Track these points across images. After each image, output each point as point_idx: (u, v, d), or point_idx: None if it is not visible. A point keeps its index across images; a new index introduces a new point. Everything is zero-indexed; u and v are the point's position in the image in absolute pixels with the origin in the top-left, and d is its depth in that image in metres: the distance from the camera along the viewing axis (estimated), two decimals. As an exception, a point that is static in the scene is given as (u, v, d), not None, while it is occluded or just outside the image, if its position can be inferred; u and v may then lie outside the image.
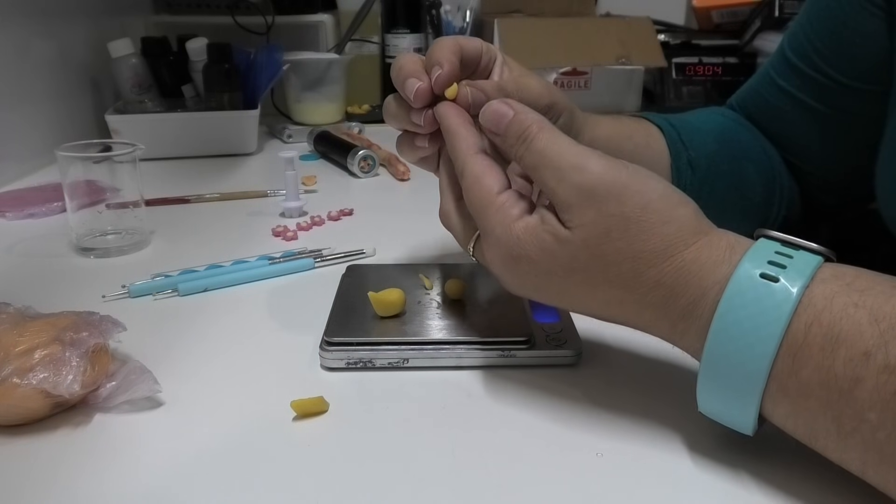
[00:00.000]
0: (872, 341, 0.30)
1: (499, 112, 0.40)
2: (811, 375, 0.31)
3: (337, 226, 0.73)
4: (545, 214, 0.38)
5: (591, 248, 0.36)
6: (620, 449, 0.38)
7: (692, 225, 0.36)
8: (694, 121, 0.66)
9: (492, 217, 0.39)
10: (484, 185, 0.40)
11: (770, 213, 0.66)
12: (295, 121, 1.17)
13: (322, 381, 0.44)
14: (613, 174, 0.36)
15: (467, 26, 1.24)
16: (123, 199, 0.66)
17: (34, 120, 0.93)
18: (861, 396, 0.30)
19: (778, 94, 0.65)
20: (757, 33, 1.22)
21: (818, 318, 0.32)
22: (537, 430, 0.39)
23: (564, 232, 0.37)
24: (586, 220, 0.36)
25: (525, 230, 0.38)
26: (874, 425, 0.30)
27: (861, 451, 0.31)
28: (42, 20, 0.95)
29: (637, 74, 1.26)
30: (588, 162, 0.37)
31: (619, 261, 0.36)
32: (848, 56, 0.60)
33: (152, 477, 0.36)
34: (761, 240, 0.35)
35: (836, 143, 0.63)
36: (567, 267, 0.37)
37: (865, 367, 0.30)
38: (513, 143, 0.39)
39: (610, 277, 0.36)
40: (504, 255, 0.39)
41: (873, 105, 0.58)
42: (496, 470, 0.36)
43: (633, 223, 0.36)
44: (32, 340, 0.39)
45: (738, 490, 0.35)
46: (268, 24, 1.14)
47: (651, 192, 0.36)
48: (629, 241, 0.36)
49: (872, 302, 0.31)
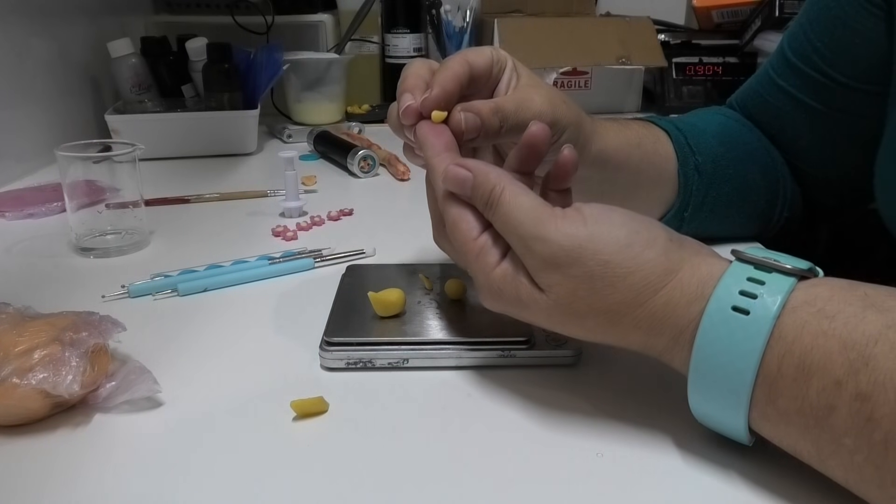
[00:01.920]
0: (843, 370, 0.31)
1: (458, 177, 0.41)
2: (788, 404, 0.33)
3: (337, 226, 0.73)
4: (519, 270, 0.39)
5: (563, 307, 0.38)
6: (620, 449, 0.38)
7: (660, 268, 0.37)
8: (698, 123, 0.66)
9: (472, 263, 0.40)
10: (461, 231, 0.41)
11: (773, 214, 0.66)
12: (295, 121, 1.17)
13: (322, 381, 0.44)
14: (571, 240, 0.37)
15: (467, 26, 1.24)
16: (123, 199, 0.66)
17: (34, 120, 0.93)
18: (836, 424, 0.31)
19: (777, 93, 0.65)
20: (757, 33, 1.22)
21: (790, 349, 0.33)
22: (537, 430, 0.39)
23: (536, 292, 0.38)
24: (553, 282, 0.37)
25: (503, 279, 0.39)
26: (851, 449, 0.31)
27: (842, 472, 0.32)
28: (42, 20, 0.95)
29: (637, 74, 1.26)
30: (546, 231, 0.37)
31: (592, 313, 0.37)
32: (847, 56, 0.60)
33: (152, 477, 0.36)
34: (734, 264, 0.36)
35: (835, 143, 0.63)
36: (547, 317, 0.39)
37: (838, 396, 0.31)
38: (482, 207, 0.40)
39: (589, 328, 0.38)
40: (489, 298, 0.41)
41: (872, 105, 0.58)
42: (496, 470, 0.36)
43: (597, 280, 0.37)
44: (32, 340, 0.39)
45: (739, 492, 0.35)
46: (268, 23, 1.14)
47: (611, 246, 0.37)
48: (598, 296, 0.37)
49: (842, 328, 0.32)
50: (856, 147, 0.62)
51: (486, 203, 0.40)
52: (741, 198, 0.63)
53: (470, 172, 0.40)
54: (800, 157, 0.66)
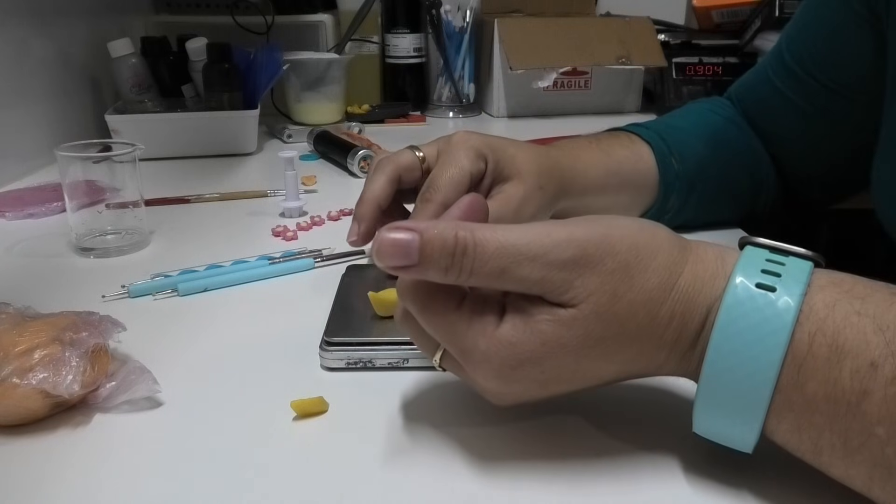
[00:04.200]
0: (878, 351, 0.29)
1: (398, 244, 0.32)
2: (817, 389, 0.30)
3: (337, 226, 0.73)
4: (528, 307, 0.33)
5: (603, 315, 0.32)
6: (620, 448, 0.38)
7: (677, 245, 0.34)
8: (685, 125, 0.68)
9: (466, 336, 0.34)
10: (436, 306, 0.34)
11: (756, 208, 0.69)
12: (295, 121, 1.17)
13: (322, 381, 0.44)
14: (593, 233, 0.33)
15: (467, 26, 1.24)
16: (123, 199, 0.66)
17: (34, 120, 0.93)
18: (869, 410, 0.29)
19: (772, 91, 0.67)
20: (757, 33, 1.22)
21: (821, 327, 0.31)
22: (537, 430, 0.39)
23: (568, 313, 0.33)
24: (592, 287, 0.32)
25: (515, 332, 0.33)
26: (882, 440, 0.29)
27: (868, 468, 0.30)
28: (42, 20, 0.95)
29: (637, 74, 1.26)
30: (560, 236, 0.33)
31: (633, 312, 0.33)
32: (836, 63, 0.61)
33: (152, 477, 0.36)
34: (748, 248, 0.34)
35: (822, 143, 0.65)
36: (580, 346, 0.33)
37: (873, 379, 0.29)
38: (446, 265, 0.32)
39: (629, 335, 0.33)
40: (498, 368, 0.33)
41: (860, 111, 0.60)
42: (496, 469, 0.36)
43: (632, 268, 0.33)
44: (32, 340, 0.39)
45: (739, 496, 0.35)
46: (268, 23, 1.14)
47: (629, 230, 0.34)
48: (636, 288, 0.33)
49: (874, 310, 0.30)
50: (840, 148, 0.65)
51: (453, 256, 0.32)
52: (725, 196, 0.67)
53: (412, 232, 0.32)
54: (787, 152, 0.68)
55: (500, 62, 1.21)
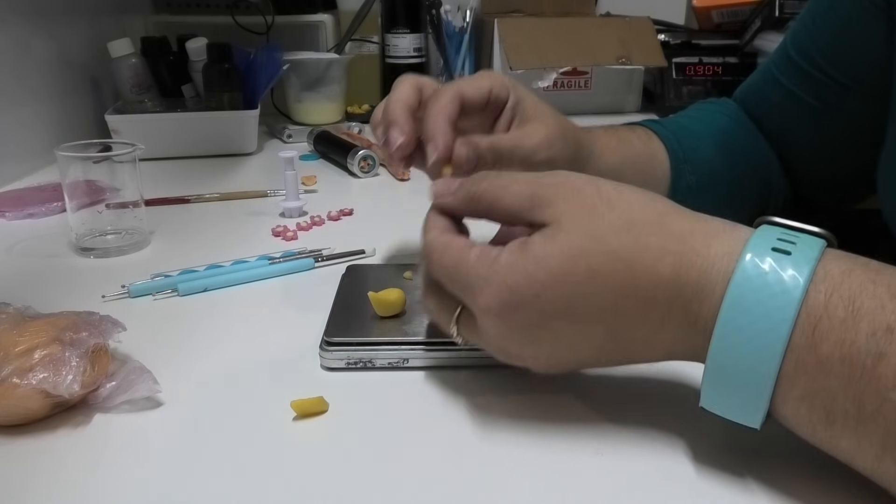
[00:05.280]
0: (895, 316, 0.29)
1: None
2: (832, 350, 0.30)
3: (337, 226, 0.73)
4: (524, 240, 0.36)
5: (583, 232, 0.35)
6: (620, 448, 0.38)
7: (675, 205, 0.37)
8: (699, 127, 0.67)
9: (473, 265, 0.37)
10: (454, 247, 0.38)
11: (765, 211, 0.68)
12: (295, 121, 1.17)
13: (322, 381, 0.44)
14: (584, 174, 0.38)
15: (467, 26, 1.24)
16: (123, 199, 0.66)
17: (34, 120, 0.93)
18: (885, 374, 0.29)
19: (778, 89, 0.66)
20: (757, 33, 1.22)
21: (837, 289, 0.30)
22: (537, 430, 0.39)
23: (551, 228, 0.36)
24: (574, 205, 0.36)
25: (510, 256, 0.36)
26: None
27: (881, 436, 0.29)
28: (42, 20, 0.95)
29: (637, 74, 1.26)
30: (547, 176, 0.38)
31: (615, 231, 0.34)
32: (848, 57, 0.60)
33: (152, 477, 0.36)
34: (763, 225, 0.34)
35: (832, 142, 0.64)
36: (566, 260, 0.34)
37: (890, 343, 0.29)
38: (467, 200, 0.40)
39: (613, 252, 0.34)
40: (497, 292, 0.36)
41: (871, 106, 0.59)
42: (496, 469, 0.36)
43: (614, 199, 0.36)
44: (32, 340, 0.39)
45: (740, 495, 0.35)
46: (268, 23, 1.14)
47: (620, 183, 0.37)
48: (617, 212, 0.35)
49: (890, 280, 0.31)
50: (852, 147, 0.63)
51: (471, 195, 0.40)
52: (734, 204, 0.66)
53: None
54: (796, 153, 0.67)
55: (500, 62, 1.21)
